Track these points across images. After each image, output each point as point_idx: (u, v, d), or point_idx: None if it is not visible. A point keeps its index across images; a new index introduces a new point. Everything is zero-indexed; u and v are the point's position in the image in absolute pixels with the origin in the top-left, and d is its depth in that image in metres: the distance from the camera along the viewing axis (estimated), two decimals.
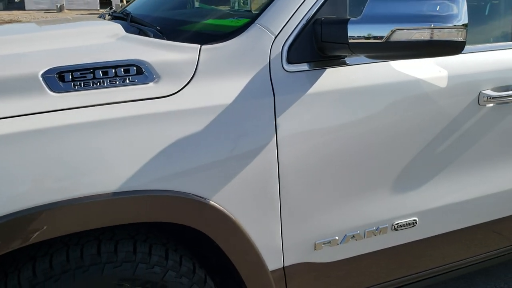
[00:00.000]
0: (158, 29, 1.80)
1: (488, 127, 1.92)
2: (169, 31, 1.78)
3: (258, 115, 1.51)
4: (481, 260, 2.18)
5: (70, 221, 1.32)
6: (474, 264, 2.18)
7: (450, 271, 2.12)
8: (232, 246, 1.55)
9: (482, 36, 2.14)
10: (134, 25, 1.92)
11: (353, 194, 1.72)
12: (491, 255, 2.20)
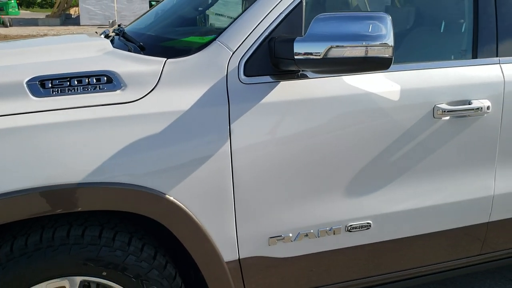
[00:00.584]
0: (141, 44, 2.04)
1: (443, 139, 2.05)
2: (150, 46, 2.02)
3: (213, 121, 1.72)
4: (437, 271, 2.28)
5: (41, 204, 1.56)
6: (431, 274, 2.28)
7: (407, 278, 2.23)
8: (187, 236, 1.75)
9: (438, 53, 2.28)
10: (122, 41, 2.17)
11: (305, 196, 1.89)
12: (449, 266, 2.30)
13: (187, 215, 1.72)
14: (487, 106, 2.05)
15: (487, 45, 2.13)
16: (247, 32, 1.81)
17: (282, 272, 1.97)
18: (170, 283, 1.81)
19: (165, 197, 1.67)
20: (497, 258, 2.46)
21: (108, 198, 1.63)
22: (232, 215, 1.80)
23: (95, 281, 1.73)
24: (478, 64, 2.12)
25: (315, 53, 1.64)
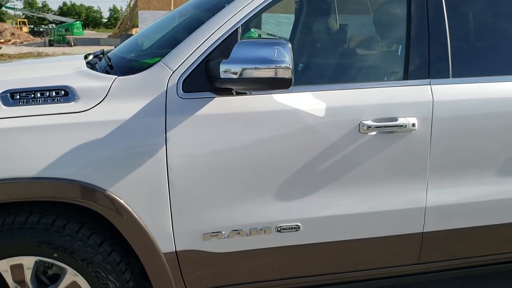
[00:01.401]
0: (110, 64, 2.39)
1: (370, 152, 2.25)
2: (117, 66, 2.36)
3: (151, 129, 2.02)
4: (374, 277, 2.45)
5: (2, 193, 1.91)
6: (368, 280, 2.46)
7: (341, 282, 2.43)
8: (126, 228, 2.05)
9: (372, 74, 2.49)
10: (96, 61, 2.53)
11: (236, 198, 2.15)
12: (387, 272, 2.47)
13: (126, 209, 2.02)
14: (412, 123, 2.24)
15: (418, 67, 2.33)
16: (186, 55, 2.11)
17: (217, 265, 2.23)
18: (113, 268, 2.11)
19: (106, 192, 1.99)
20: (440, 269, 2.60)
21: (56, 190, 1.95)
22: (168, 212, 2.09)
23: (48, 261, 2.05)
24: (408, 85, 2.31)
25: (233, 73, 1.92)
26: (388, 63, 2.56)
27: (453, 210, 2.41)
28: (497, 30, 2.58)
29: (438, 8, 2.36)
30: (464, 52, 2.45)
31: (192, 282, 2.23)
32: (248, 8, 2.17)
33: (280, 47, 1.88)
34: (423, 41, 2.34)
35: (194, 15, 2.75)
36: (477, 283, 3.20)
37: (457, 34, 2.41)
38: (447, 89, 2.33)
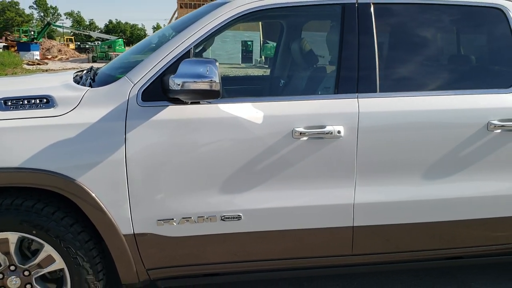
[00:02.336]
0: (92, 78, 2.87)
1: (302, 155, 2.64)
2: (98, 80, 2.84)
3: (113, 130, 2.48)
4: (309, 265, 2.82)
5: None
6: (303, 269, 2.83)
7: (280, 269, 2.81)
8: (91, 211, 2.49)
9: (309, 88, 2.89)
10: (82, 76, 3.03)
11: (185, 190, 2.57)
12: (322, 262, 2.84)
13: (91, 197, 2.47)
14: (338, 131, 2.62)
15: (348, 83, 2.71)
16: (146, 70, 2.57)
17: (170, 248, 2.65)
18: (82, 245, 2.55)
19: (75, 182, 2.45)
20: (376, 261, 2.94)
21: (35, 179, 2.42)
22: (126, 201, 2.53)
23: (29, 237, 2.52)
24: (337, 98, 2.70)
25: (178, 85, 2.37)
26: (322, 79, 2.95)
27: (380, 207, 2.76)
28: (417, 54, 2.94)
29: (368, 33, 2.75)
30: (390, 71, 2.82)
31: (149, 261, 2.66)
32: (197, 35, 2.63)
33: (211, 65, 2.32)
34: (353, 61, 2.72)
35: (163, 37, 3.22)
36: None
37: (384, 55, 2.80)
38: (373, 102, 2.70)
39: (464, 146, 2.75)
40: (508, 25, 2.89)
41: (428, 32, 2.94)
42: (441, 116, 2.74)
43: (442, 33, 2.98)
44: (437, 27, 2.97)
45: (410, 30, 2.93)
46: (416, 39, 2.93)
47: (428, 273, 3.60)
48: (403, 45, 2.92)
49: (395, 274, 3.57)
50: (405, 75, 2.86)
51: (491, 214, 2.87)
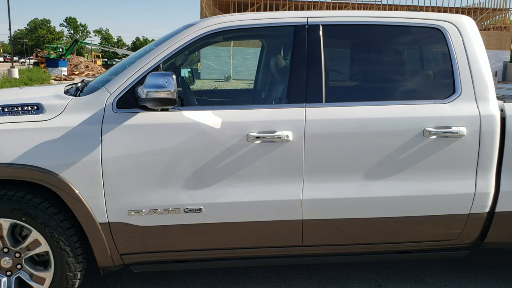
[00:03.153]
0: (79, 88, 3.33)
1: (256, 156, 3.03)
2: (84, 91, 3.29)
3: (91, 133, 2.92)
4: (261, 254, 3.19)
5: None
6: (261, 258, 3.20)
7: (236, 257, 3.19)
8: (71, 202, 2.92)
9: (266, 99, 3.28)
10: (72, 87, 3.49)
11: (152, 185, 2.99)
12: (275, 251, 3.20)
13: (71, 189, 2.91)
14: (286, 135, 3.01)
15: (297, 94, 3.11)
16: (120, 82, 3.02)
17: (140, 235, 3.06)
18: (64, 231, 2.98)
19: (58, 176, 2.88)
20: (326, 253, 3.29)
21: (24, 173, 2.87)
22: (102, 193, 2.96)
23: (19, 223, 2.96)
24: (288, 107, 3.09)
25: (144, 94, 2.81)
26: (277, 91, 3.35)
27: (325, 203, 3.12)
28: (361, 69, 3.32)
29: (316, 50, 3.15)
30: (335, 84, 3.21)
31: (121, 247, 3.07)
32: (165, 52, 3.07)
33: (169, 77, 2.75)
34: (302, 74, 3.12)
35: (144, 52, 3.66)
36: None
37: (331, 70, 3.18)
38: (319, 111, 3.08)
39: (402, 150, 3.11)
40: (446, 44, 3.25)
41: (372, 50, 3.32)
42: (380, 123, 3.10)
43: (385, 50, 3.35)
44: (381, 45, 3.33)
45: (355, 48, 3.32)
46: (360, 56, 3.32)
47: (385, 268, 3.93)
48: (348, 61, 3.31)
49: (356, 269, 3.91)
50: (349, 87, 3.24)
51: (429, 212, 3.20)
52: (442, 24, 3.29)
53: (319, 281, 3.73)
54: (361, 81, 3.32)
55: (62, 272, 3.03)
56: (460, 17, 3.35)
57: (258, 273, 3.84)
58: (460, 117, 3.13)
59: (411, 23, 3.29)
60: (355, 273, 3.87)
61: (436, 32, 3.28)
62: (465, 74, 3.21)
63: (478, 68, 3.23)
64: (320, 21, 3.20)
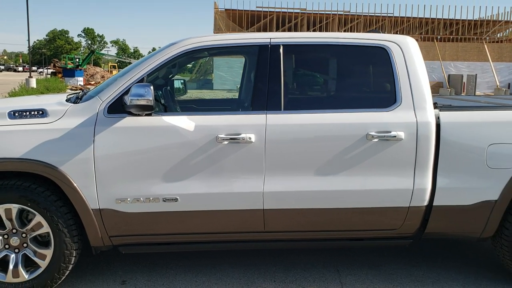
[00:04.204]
0: (78, 97, 3.95)
1: (224, 155, 3.59)
2: (83, 99, 3.90)
3: (86, 134, 3.52)
4: (228, 238, 3.75)
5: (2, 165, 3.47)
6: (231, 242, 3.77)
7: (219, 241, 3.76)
8: (69, 191, 3.52)
9: (234, 106, 3.85)
10: (73, 95, 4.11)
11: (136, 178, 3.56)
12: (243, 236, 3.76)
13: (69, 180, 3.50)
14: (249, 137, 3.57)
15: (260, 103, 3.68)
16: (110, 92, 3.62)
17: (125, 220, 3.63)
18: (62, 215, 3.57)
19: (58, 169, 3.48)
20: (286, 238, 3.84)
21: (30, 166, 3.47)
22: (94, 184, 3.54)
23: (25, 208, 3.56)
24: (251, 114, 3.67)
25: (128, 101, 3.40)
26: (244, 100, 3.93)
27: (283, 195, 3.67)
28: (315, 82, 3.89)
29: (276, 66, 3.72)
30: (292, 94, 3.77)
31: (110, 230, 3.65)
32: (149, 67, 3.67)
33: (148, 87, 3.35)
34: (264, 86, 3.69)
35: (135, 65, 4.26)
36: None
37: (289, 82, 3.75)
38: (278, 117, 3.65)
39: (348, 151, 3.65)
40: (390, 61, 3.80)
41: (325, 65, 3.90)
42: (330, 128, 3.65)
43: (337, 66, 3.91)
44: (334, 61, 3.90)
45: (311, 64, 3.90)
46: (315, 70, 3.88)
47: (345, 256, 4.46)
48: (304, 75, 3.88)
49: (318, 256, 4.45)
50: (305, 97, 3.81)
51: (374, 204, 3.73)
52: (387, 44, 3.84)
53: (284, 265, 4.27)
54: (315, 92, 3.89)
55: (60, 250, 3.61)
56: (404, 38, 3.90)
57: (231, 258, 4.40)
58: (399, 123, 3.67)
59: (361, 43, 3.85)
60: (316, 260, 4.41)
61: (382, 50, 3.83)
62: (405, 87, 3.75)
63: (417, 82, 3.77)
64: (281, 41, 3.78)
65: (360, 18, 44.08)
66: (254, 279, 4.04)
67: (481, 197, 3.77)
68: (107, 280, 4.00)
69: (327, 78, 3.93)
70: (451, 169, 3.74)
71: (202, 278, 4.05)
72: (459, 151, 3.73)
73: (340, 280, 4.02)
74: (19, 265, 3.62)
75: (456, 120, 3.76)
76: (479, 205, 3.77)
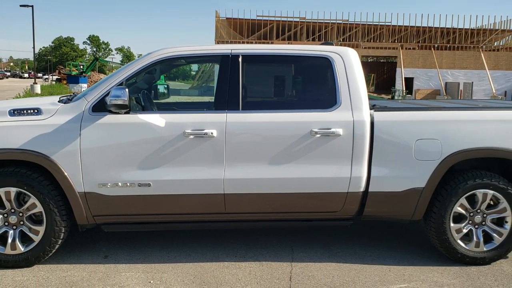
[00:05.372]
0: (69, 99, 4.65)
1: (191, 148, 4.27)
2: (73, 100, 4.60)
3: (73, 129, 4.20)
4: (196, 219, 4.43)
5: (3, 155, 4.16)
6: (195, 222, 4.45)
7: (188, 222, 4.43)
8: (59, 177, 4.20)
9: (203, 106, 4.53)
10: (65, 97, 4.81)
11: (115, 166, 4.24)
12: (206, 217, 4.43)
13: (59, 168, 4.18)
14: (211, 132, 4.25)
15: (221, 103, 4.36)
16: (94, 94, 4.31)
17: (107, 202, 4.30)
18: (53, 197, 4.25)
19: (49, 158, 4.17)
20: (243, 219, 4.51)
21: (26, 155, 4.16)
22: (80, 171, 4.22)
23: (22, 191, 4.25)
24: (214, 113, 4.35)
25: (109, 101, 4.09)
26: (209, 101, 4.61)
27: (241, 181, 4.34)
28: (268, 87, 4.58)
29: (235, 73, 4.40)
30: (249, 97, 4.45)
31: (93, 210, 4.33)
32: (127, 73, 4.36)
33: (124, 90, 4.03)
34: (225, 89, 4.38)
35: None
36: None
37: (246, 87, 4.44)
38: (236, 115, 4.33)
39: (295, 145, 4.32)
40: (332, 69, 4.48)
41: (277, 73, 4.58)
42: (280, 125, 4.32)
43: (287, 73, 4.59)
44: (285, 69, 4.59)
45: (265, 71, 4.58)
46: (268, 77, 4.57)
47: (299, 237, 5.12)
48: (259, 80, 4.57)
49: (275, 236, 5.11)
50: (260, 99, 4.50)
51: (318, 190, 4.40)
52: (330, 54, 4.52)
53: (246, 245, 4.94)
54: (268, 95, 4.58)
55: (51, 227, 4.29)
56: (346, 49, 4.58)
57: (200, 238, 5.08)
58: (338, 122, 4.34)
59: (308, 54, 4.54)
60: (273, 239, 5.08)
61: (326, 60, 4.51)
62: (344, 91, 4.42)
63: (355, 87, 4.44)
64: (240, 52, 4.47)
65: (359, 27, 44.85)
66: (218, 255, 4.70)
67: (410, 184, 4.43)
68: (92, 255, 4.67)
69: (279, 83, 4.62)
70: (383, 161, 4.41)
71: (174, 254, 4.71)
72: (390, 145, 4.40)
73: (292, 257, 4.68)
74: (16, 239, 4.29)
75: (388, 119, 4.43)
76: (409, 192, 4.43)
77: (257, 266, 4.45)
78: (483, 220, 4.57)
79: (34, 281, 4.08)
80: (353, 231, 5.44)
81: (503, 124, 4.47)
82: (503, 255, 4.62)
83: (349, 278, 4.23)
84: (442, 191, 4.48)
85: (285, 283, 4.09)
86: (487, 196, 4.50)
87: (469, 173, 4.50)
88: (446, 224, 4.50)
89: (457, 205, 4.50)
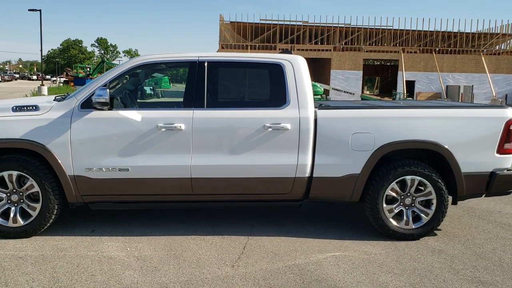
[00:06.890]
0: (63, 97, 5.52)
1: (162, 139, 5.13)
2: (65, 98, 5.47)
3: (65, 122, 5.07)
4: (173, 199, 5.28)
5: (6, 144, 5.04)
6: (171, 202, 5.30)
7: (162, 201, 5.29)
8: (53, 163, 5.07)
9: (168, 106, 5.39)
10: (60, 96, 5.69)
11: (99, 154, 5.09)
12: (177, 197, 5.28)
13: (53, 155, 5.05)
14: (180, 126, 5.10)
15: (188, 102, 5.21)
16: (83, 93, 5.18)
17: (93, 184, 5.15)
18: (48, 179, 5.11)
19: (45, 147, 5.04)
20: (208, 200, 5.37)
21: (25, 144, 5.03)
22: (70, 158, 5.08)
23: (22, 174, 5.12)
24: (182, 109, 5.20)
25: (94, 100, 4.96)
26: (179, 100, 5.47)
27: (205, 167, 5.18)
28: (229, 88, 5.43)
29: (201, 76, 5.25)
30: (213, 96, 5.30)
31: (81, 190, 5.18)
32: (111, 75, 5.23)
33: (105, 90, 4.90)
34: (192, 90, 5.23)
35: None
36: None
37: (210, 88, 5.30)
38: (202, 112, 5.17)
39: (251, 137, 5.16)
40: (283, 74, 5.32)
41: (236, 76, 5.43)
42: (238, 121, 5.16)
43: (245, 77, 5.44)
44: (243, 74, 5.44)
45: (226, 75, 5.44)
46: (229, 80, 5.43)
47: (259, 217, 5.95)
48: (222, 83, 5.41)
49: (238, 216, 5.95)
50: (221, 99, 5.34)
51: (270, 175, 5.22)
52: (282, 61, 5.36)
53: (213, 223, 5.79)
54: (229, 95, 5.43)
55: (46, 204, 5.16)
56: (296, 57, 5.42)
57: (175, 217, 5.93)
58: (287, 118, 5.17)
59: (263, 61, 5.38)
60: (237, 218, 5.93)
61: (278, 66, 5.35)
62: (293, 92, 5.26)
63: (302, 89, 5.28)
64: (206, 59, 5.32)
65: (361, 31, 45.57)
66: (189, 231, 5.54)
67: (348, 171, 5.25)
68: (81, 229, 5.53)
69: (239, 85, 5.48)
70: (325, 151, 5.24)
71: (150, 229, 5.56)
72: (331, 138, 5.23)
73: (250, 232, 5.52)
74: (17, 214, 5.16)
75: (329, 116, 5.26)
76: (347, 177, 5.26)
77: (218, 239, 5.29)
78: (412, 202, 5.38)
79: (31, 247, 4.94)
80: (309, 213, 6.28)
81: (428, 121, 5.29)
82: (429, 232, 5.43)
83: (293, 247, 5.07)
84: (376, 177, 5.29)
85: (238, 251, 4.93)
86: (415, 181, 5.31)
87: (399, 162, 5.32)
88: (379, 205, 5.31)
89: (389, 189, 5.31)
